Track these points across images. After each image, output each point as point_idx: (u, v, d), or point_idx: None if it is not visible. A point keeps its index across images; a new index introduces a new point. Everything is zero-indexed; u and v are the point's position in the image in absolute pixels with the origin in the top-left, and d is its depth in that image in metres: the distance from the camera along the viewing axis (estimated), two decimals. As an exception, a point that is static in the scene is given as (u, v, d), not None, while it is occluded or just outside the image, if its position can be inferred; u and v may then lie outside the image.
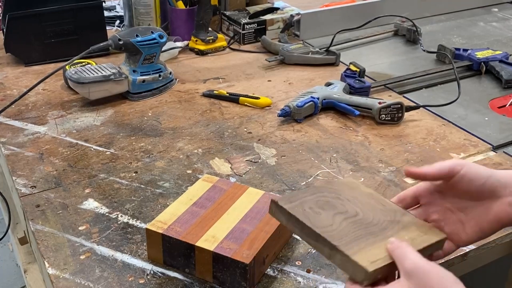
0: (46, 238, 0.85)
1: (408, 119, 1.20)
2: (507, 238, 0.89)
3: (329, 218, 0.65)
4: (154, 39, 1.24)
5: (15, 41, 1.39)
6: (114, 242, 0.84)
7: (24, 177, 0.99)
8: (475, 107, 1.26)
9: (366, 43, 1.61)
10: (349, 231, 0.63)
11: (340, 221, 0.65)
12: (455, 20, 1.81)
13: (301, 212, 0.65)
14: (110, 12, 1.76)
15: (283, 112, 1.17)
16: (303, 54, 1.45)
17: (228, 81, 1.36)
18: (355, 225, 0.65)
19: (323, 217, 0.65)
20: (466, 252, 0.84)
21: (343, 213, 0.66)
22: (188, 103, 1.26)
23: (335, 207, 0.68)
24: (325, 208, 0.67)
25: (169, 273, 0.78)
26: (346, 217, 0.66)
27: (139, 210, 0.91)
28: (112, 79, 1.22)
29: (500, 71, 1.37)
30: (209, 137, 1.12)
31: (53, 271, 0.79)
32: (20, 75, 1.37)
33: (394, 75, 1.39)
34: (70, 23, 1.40)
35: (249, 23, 1.56)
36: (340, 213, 0.66)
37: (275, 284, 0.78)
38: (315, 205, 0.67)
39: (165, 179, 0.99)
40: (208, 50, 1.51)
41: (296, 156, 1.06)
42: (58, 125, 1.16)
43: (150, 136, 1.12)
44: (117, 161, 1.04)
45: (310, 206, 0.67)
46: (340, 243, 0.61)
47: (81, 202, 0.93)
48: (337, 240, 0.61)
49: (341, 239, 0.61)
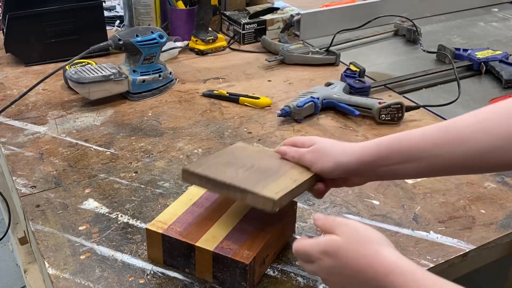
0: (46, 238, 0.85)
1: (408, 119, 1.20)
2: (507, 238, 0.89)
3: (233, 172, 0.78)
4: (154, 39, 1.24)
5: (15, 41, 1.39)
6: (114, 242, 0.84)
7: (24, 177, 0.99)
8: (475, 107, 1.23)
9: (366, 43, 1.61)
10: (252, 178, 0.76)
11: (243, 172, 0.78)
12: (455, 20, 1.81)
13: (209, 172, 0.77)
14: (110, 12, 1.76)
15: (283, 112, 1.17)
16: (303, 54, 1.45)
17: (228, 81, 1.36)
18: (255, 173, 0.78)
19: (228, 172, 0.78)
20: (466, 252, 0.84)
21: (242, 167, 0.79)
22: (188, 103, 1.26)
23: (235, 164, 0.81)
24: (228, 166, 0.80)
25: (169, 273, 0.78)
26: (246, 169, 0.79)
27: (139, 210, 0.91)
28: (112, 79, 1.22)
29: (500, 71, 1.37)
30: (209, 137, 1.12)
31: (53, 271, 0.79)
32: (20, 75, 1.37)
33: (394, 75, 1.39)
34: (70, 23, 1.40)
35: (249, 23, 1.56)
36: (240, 167, 0.79)
37: (275, 284, 0.78)
38: (220, 165, 0.80)
39: (165, 179, 0.99)
40: (208, 50, 1.51)
41: (296, 156, 1.06)
42: (58, 125, 1.16)
43: (150, 136, 1.12)
44: (117, 161, 1.04)
45: (216, 167, 0.79)
46: (248, 186, 0.74)
47: (81, 202, 0.93)
48: (244, 184, 0.74)
49: (247, 183, 0.74)
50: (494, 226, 0.89)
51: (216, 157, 0.83)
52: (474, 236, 0.87)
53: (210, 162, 0.81)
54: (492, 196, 0.96)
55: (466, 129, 0.68)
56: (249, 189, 0.73)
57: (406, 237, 0.86)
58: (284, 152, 0.82)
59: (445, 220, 0.90)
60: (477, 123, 0.68)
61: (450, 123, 0.71)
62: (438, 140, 0.70)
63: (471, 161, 0.69)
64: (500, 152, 0.67)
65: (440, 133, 0.70)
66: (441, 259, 0.82)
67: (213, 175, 0.76)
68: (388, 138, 0.74)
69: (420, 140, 0.71)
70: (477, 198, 0.95)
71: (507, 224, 0.90)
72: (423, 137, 0.71)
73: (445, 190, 0.97)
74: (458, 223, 0.89)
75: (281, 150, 0.83)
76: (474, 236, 0.87)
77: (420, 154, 0.71)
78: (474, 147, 0.67)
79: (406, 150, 0.71)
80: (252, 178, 0.76)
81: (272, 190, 0.73)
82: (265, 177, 0.76)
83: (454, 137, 0.68)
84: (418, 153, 0.71)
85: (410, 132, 0.73)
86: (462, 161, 0.69)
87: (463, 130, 0.68)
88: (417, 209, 0.92)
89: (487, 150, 0.67)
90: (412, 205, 0.94)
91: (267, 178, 0.76)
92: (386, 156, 0.73)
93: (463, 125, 0.69)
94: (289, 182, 0.75)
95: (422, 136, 0.71)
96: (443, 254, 0.83)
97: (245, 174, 0.77)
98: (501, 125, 0.67)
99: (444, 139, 0.69)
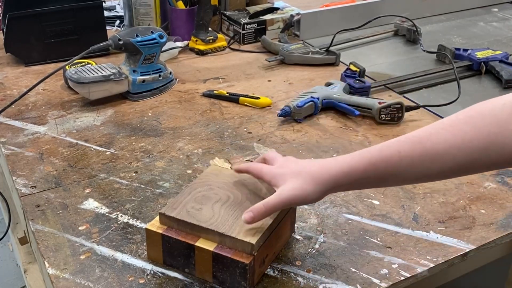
0: (46, 238, 0.85)
1: (408, 119, 1.20)
2: (507, 238, 0.89)
3: (210, 211, 0.78)
4: (154, 39, 1.24)
5: (15, 41, 1.39)
6: (114, 242, 0.84)
7: (24, 177, 0.99)
8: (475, 107, 1.26)
9: (366, 43, 1.61)
10: (229, 215, 0.77)
11: (219, 209, 0.78)
12: (455, 20, 1.81)
13: (186, 214, 0.77)
14: (110, 12, 1.76)
15: (283, 112, 1.17)
16: (303, 54, 1.45)
17: (228, 81, 1.36)
18: (231, 208, 0.78)
19: (204, 212, 0.77)
20: (466, 252, 0.84)
21: (218, 201, 0.79)
22: (188, 103, 1.26)
23: (210, 198, 0.80)
24: (203, 203, 0.79)
25: (169, 273, 0.78)
26: (222, 204, 0.79)
27: (139, 210, 0.91)
28: (112, 79, 1.22)
29: (500, 71, 1.37)
30: (209, 137, 1.12)
31: (53, 271, 0.79)
32: (20, 75, 1.37)
33: (394, 75, 1.39)
34: (70, 23, 1.40)
35: (249, 23, 1.56)
36: (216, 202, 0.79)
37: (275, 284, 0.78)
38: (195, 203, 0.79)
39: (165, 179, 0.99)
40: (208, 50, 1.51)
41: (296, 156, 1.05)
42: (58, 125, 1.16)
43: (150, 136, 1.12)
44: (117, 161, 1.04)
45: (192, 205, 0.79)
46: (225, 229, 0.74)
47: (81, 202, 0.93)
48: (222, 227, 0.74)
49: (224, 225, 0.75)
50: (494, 226, 0.89)
51: (191, 190, 0.82)
52: (474, 236, 0.87)
53: (186, 200, 0.80)
54: (492, 196, 0.96)
55: (443, 145, 0.66)
56: (227, 233, 0.73)
57: (406, 237, 0.86)
58: (246, 170, 0.81)
59: (445, 220, 0.90)
60: (453, 137, 0.66)
61: (425, 138, 0.68)
62: (414, 159, 0.68)
63: (448, 173, 0.69)
64: (477, 163, 0.66)
65: (416, 152, 0.68)
66: (441, 259, 0.82)
67: (190, 219, 0.76)
68: (362, 162, 0.71)
69: (397, 161, 0.69)
70: (477, 198, 0.95)
71: (507, 224, 0.90)
72: (400, 157, 0.68)
73: (445, 190, 0.97)
74: (458, 223, 0.89)
75: (243, 168, 0.82)
76: (474, 236, 0.87)
77: (396, 174, 0.69)
78: (449, 163, 0.66)
79: (382, 172, 0.70)
80: (230, 216, 0.76)
81: (249, 232, 0.74)
82: (242, 212, 0.75)
83: (431, 155, 0.67)
84: (394, 173, 0.69)
85: (385, 152, 0.70)
86: (437, 174, 0.69)
87: (440, 146, 0.66)
88: (417, 209, 0.92)
89: (463, 164, 0.66)
90: (412, 205, 0.94)
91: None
92: (361, 181, 0.72)
93: (439, 141, 0.67)
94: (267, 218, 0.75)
95: (399, 156, 0.68)
96: (443, 254, 0.83)
97: (222, 211, 0.77)
98: (478, 137, 0.65)
99: (421, 158, 0.68)
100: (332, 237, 0.86)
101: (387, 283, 0.78)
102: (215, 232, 0.74)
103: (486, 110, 0.66)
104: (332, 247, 0.84)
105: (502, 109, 0.65)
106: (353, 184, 0.72)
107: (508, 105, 0.65)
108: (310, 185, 0.72)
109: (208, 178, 0.85)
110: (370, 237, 0.86)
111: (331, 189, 0.72)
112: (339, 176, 0.71)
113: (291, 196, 0.72)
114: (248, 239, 0.73)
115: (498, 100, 0.66)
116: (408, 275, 0.79)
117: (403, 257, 0.82)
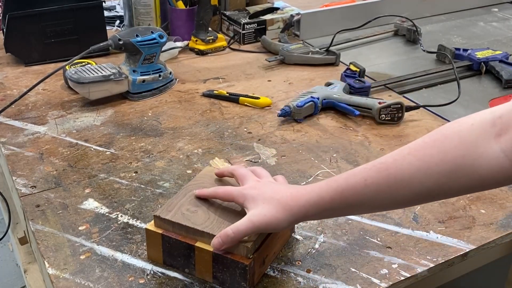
0: (46, 238, 0.85)
1: (408, 119, 1.20)
2: (507, 238, 0.89)
3: (205, 213, 0.77)
4: (154, 39, 1.24)
5: (15, 41, 1.39)
6: (114, 242, 0.84)
7: (24, 177, 0.99)
8: (475, 107, 1.26)
9: (366, 43, 1.61)
10: (224, 218, 0.76)
11: (214, 211, 0.78)
12: (455, 20, 1.81)
13: (181, 217, 0.76)
14: (110, 12, 1.76)
15: (283, 112, 1.17)
16: (303, 54, 1.45)
17: (228, 81, 1.36)
18: (226, 210, 0.78)
19: (200, 214, 0.77)
20: (466, 252, 0.84)
21: (213, 203, 0.79)
22: (188, 103, 1.26)
23: (206, 200, 0.80)
24: (198, 205, 0.79)
25: (169, 273, 0.78)
26: (216, 206, 0.79)
27: (139, 210, 0.91)
28: (112, 79, 1.22)
29: (500, 71, 1.37)
30: (209, 137, 1.12)
31: (53, 271, 0.79)
32: (20, 75, 1.37)
33: (394, 75, 1.39)
34: (70, 23, 1.40)
35: (249, 23, 1.56)
36: (211, 204, 0.79)
37: (275, 284, 0.78)
38: (190, 205, 0.79)
39: (165, 179, 0.99)
40: (208, 50, 1.51)
41: (296, 156, 1.06)
42: (58, 125, 1.16)
43: (150, 136, 1.12)
44: (117, 161, 1.04)
45: (187, 208, 0.78)
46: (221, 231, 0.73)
47: (81, 202, 0.93)
48: (217, 230, 0.74)
49: (220, 228, 0.74)
50: (494, 226, 0.89)
51: (186, 192, 0.81)
52: (474, 236, 0.87)
53: (181, 202, 0.79)
54: (492, 196, 0.96)
55: (408, 170, 0.64)
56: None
57: (406, 237, 0.86)
58: (214, 195, 0.79)
59: (445, 220, 0.90)
60: (418, 162, 0.63)
61: (391, 163, 0.66)
62: (380, 186, 0.66)
63: (416, 200, 0.67)
64: (445, 188, 0.63)
65: (382, 180, 0.66)
66: (441, 259, 0.82)
67: (185, 222, 0.75)
68: (329, 191, 0.69)
69: (363, 188, 0.67)
70: (477, 198, 0.95)
71: (507, 224, 0.90)
72: (366, 185, 0.67)
73: (445, 190, 0.97)
74: (458, 223, 0.89)
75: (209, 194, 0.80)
76: (474, 236, 0.87)
77: (363, 201, 0.68)
78: (416, 188, 0.64)
79: (350, 200, 0.68)
80: (225, 219, 0.76)
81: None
82: (237, 214, 0.76)
83: (397, 182, 0.65)
84: (361, 201, 0.68)
85: (351, 180, 0.68)
86: (405, 201, 0.67)
87: (405, 172, 0.64)
88: (417, 209, 0.92)
89: (431, 189, 0.64)
90: (412, 205, 0.93)
91: (239, 215, 0.75)
92: (329, 211, 0.70)
93: (404, 166, 0.64)
94: None
95: (365, 184, 0.67)
96: (443, 254, 0.83)
97: (217, 214, 0.77)
98: (444, 160, 0.62)
99: (387, 184, 0.65)
100: (332, 237, 0.86)
101: (387, 283, 0.78)
102: (210, 235, 0.74)
103: (453, 131, 0.63)
104: (332, 247, 0.84)
105: (470, 130, 0.62)
106: (322, 213, 0.71)
107: (477, 125, 0.61)
108: (280, 213, 0.71)
109: (203, 179, 0.85)
110: (370, 237, 0.86)
111: (300, 218, 0.72)
112: (307, 207, 0.70)
113: (262, 223, 0.71)
114: (244, 242, 0.72)
115: (467, 120, 0.63)
116: (408, 275, 0.79)
117: (403, 257, 0.82)
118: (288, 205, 0.71)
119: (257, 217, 0.71)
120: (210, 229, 0.74)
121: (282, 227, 0.72)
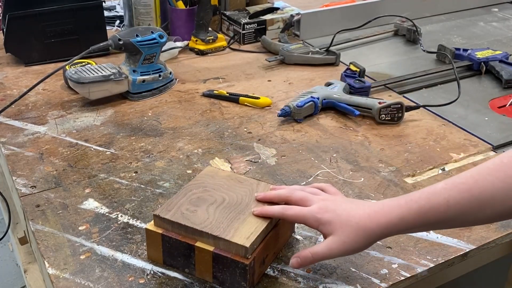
0: (46, 238, 0.85)
1: (408, 119, 1.20)
2: (507, 238, 0.89)
3: (204, 213, 0.77)
4: (154, 39, 1.24)
5: (15, 41, 1.39)
6: (114, 242, 0.84)
7: (24, 177, 0.99)
8: (475, 107, 1.26)
9: (366, 43, 1.61)
10: (223, 218, 0.77)
11: (214, 211, 0.78)
12: (455, 20, 1.81)
13: (180, 216, 0.77)
14: (110, 12, 1.76)
15: (283, 112, 1.17)
16: (303, 54, 1.45)
17: (228, 81, 1.36)
18: (226, 210, 0.78)
19: (199, 214, 0.77)
20: (466, 252, 0.84)
21: (213, 203, 0.79)
22: (188, 103, 1.26)
23: (205, 200, 0.80)
24: (198, 204, 0.79)
25: (169, 273, 0.78)
26: (217, 206, 0.79)
27: (139, 210, 0.91)
28: (112, 79, 1.22)
29: (500, 71, 1.37)
30: (209, 137, 1.12)
31: (53, 271, 0.79)
32: (20, 75, 1.37)
33: (394, 75, 1.39)
34: (70, 23, 1.40)
35: (249, 23, 1.56)
36: (211, 204, 0.79)
37: (275, 284, 0.78)
38: (190, 204, 0.79)
39: (165, 179, 0.99)
40: (208, 50, 1.51)
41: (296, 156, 1.06)
42: (58, 125, 1.16)
43: (150, 136, 1.12)
44: (117, 161, 1.04)
45: (186, 207, 0.78)
46: (219, 232, 0.74)
47: (81, 202, 0.93)
48: (216, 230, 0.74)
49: (219, 227, 0.75)
50: (494, 226, 0.89)
51: (186, 191, 0.82)
52: (474, 236, 0.87)
53: (181, 202, 0.79)
54: (492, 196, 0.96)
55: (491, 191, 0.66)
56: (221, 236, 0.73)
57: (406, 237, 0.86)
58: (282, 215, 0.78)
59: (445, 220, 0.90)
60: (500, 183, 0.66)
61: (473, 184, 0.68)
62: (463, 207, 0.68)
63: (498, 218, 0.69)
64: None
65: (465, 201, 0.67)
66: (441, 259, 0.82)
67: (185, 222, 0.75)
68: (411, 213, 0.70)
69: (446, 210, 0.68)
70: (477, 198, 0.95)
71: (507, 224, 0.90)
72: (449, 207, 0.68)
73: (445, 190, 0.97)
74: (458, 223, 0.89)
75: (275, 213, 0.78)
76: (474, 236, 0.87)
77: (446, 221, 0.69)
78: (499, 209, 0.66)
79: (432, 221, 0.69)
80: (224, 219, 0.76)
81: (244, 235, 0.74)
82: (237, 214, 0.77)
83: (479, 203, 0.67)
84: (443, 221, 0.69)
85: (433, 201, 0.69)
86: (487, 219, 0.69)
87: (488, 194, 0.66)
88: (417, 209, 0.92)
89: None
90: (412, 205, 0.93)
91: (239, 215, 0.77)
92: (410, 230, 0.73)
93: (487, 188, 0.66)
94: (260, 219, 0.76)
95: (447, 205, 0.68)
96: (443, 254, 0.83)
97: (216, 213, 0.77)
98: None
99: (469, 206, 0.67)
100: (332, 237, 0.86)
101: (387, 283, 0.78)
102: (209, 234, 0.74)
103: None
104: (332, 247, 0.84)
105: None
106: (400, 232, 0.73)
107: None
108: (361, 237, 0.71)
109: (203, 179, 0.85)
110: (370, 237, 0.86)
111: (378, 239, 0.73)
112: (389, 228, 0.71)
113: (342, 250, 0.72)
114: (242, 242, 0.72)
115: None
116: (408, 275, 0.79)
117: (403, 257, 0.82)
118: (368, 228, 0.71)
119: (336, 245, 0.71)
120: (209, 229, 0.74)
121: (360, 250, 0.73)
